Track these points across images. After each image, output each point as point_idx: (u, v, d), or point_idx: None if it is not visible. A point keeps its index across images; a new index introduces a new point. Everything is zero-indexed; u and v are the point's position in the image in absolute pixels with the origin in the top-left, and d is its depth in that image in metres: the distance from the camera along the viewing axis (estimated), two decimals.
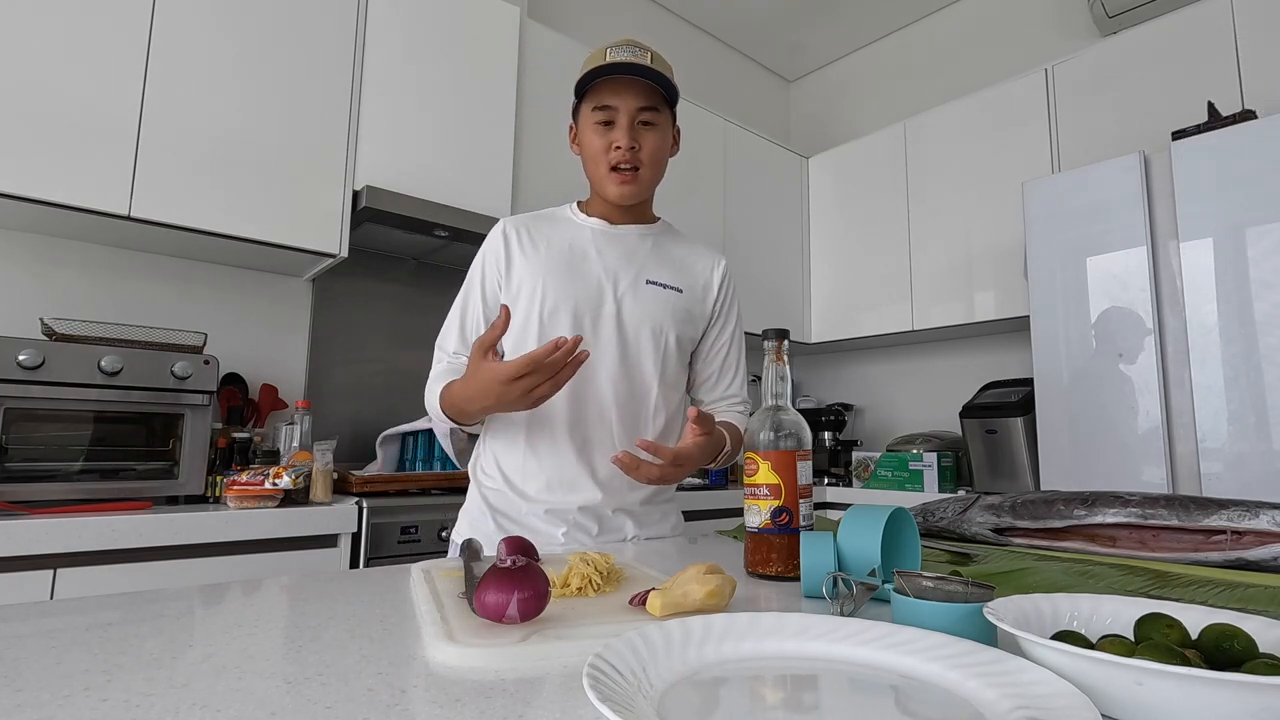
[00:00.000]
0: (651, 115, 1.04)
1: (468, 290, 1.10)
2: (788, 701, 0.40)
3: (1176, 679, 0.33)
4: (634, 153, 1.03)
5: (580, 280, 1.05)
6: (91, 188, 1.53)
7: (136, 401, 1.50)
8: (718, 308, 1.17)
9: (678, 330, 1.10)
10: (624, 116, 1.02)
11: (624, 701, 0.34)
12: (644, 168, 1.05)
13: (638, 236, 1.12)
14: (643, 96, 1.03)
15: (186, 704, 0.37)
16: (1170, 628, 0.41)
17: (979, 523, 1.03)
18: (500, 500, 1.05)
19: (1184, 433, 1.83)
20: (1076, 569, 0.79)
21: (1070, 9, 2.85)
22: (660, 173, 1.09)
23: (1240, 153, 1.78)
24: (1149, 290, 1.91)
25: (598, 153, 1.04)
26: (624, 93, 1.02)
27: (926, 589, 0.50)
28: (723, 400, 1.19)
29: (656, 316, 1.08)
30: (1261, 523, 0.79)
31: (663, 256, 1.12)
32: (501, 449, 1.07)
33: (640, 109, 1.03)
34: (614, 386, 1.04)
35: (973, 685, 0.38)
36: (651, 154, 1.05)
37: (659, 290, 1.09)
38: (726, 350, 1.18)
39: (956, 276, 2.76)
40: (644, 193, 1.08)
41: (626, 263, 1.09)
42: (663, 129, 1.06)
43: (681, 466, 0.93)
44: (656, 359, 1.07)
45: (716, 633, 0.46)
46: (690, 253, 1.16)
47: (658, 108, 1.04)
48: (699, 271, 1.15)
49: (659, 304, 1.08)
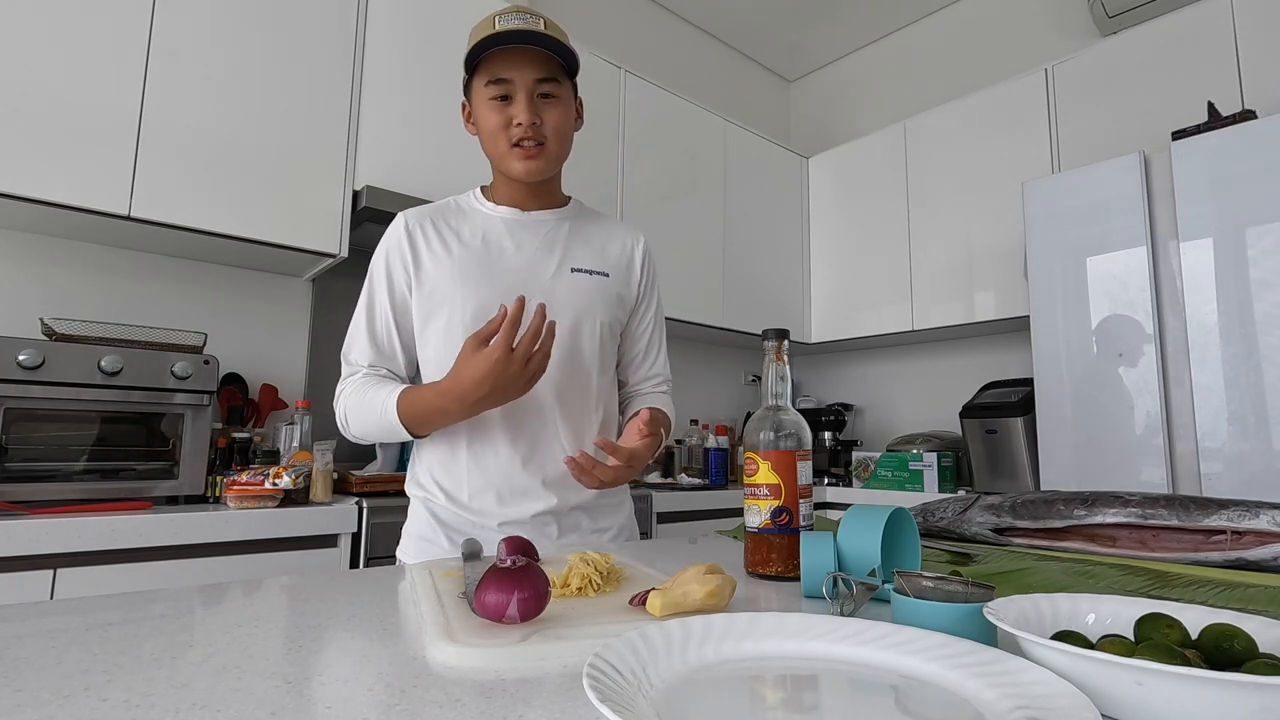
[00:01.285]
0: (551, 87, 0.96)
1: (371, 294, 1.01)
2: (788, 701, 0.40)
3: (1177, 679, 0.33)
4: (536, 128, 0.96)
5: (502, 277, 0.99)
6: (91, 188, 1.53)
7: (136, 401, 1.50)
8: (642, 288, 1.13)
9: (609, 316, 1.05)
10: (521, 90, 0.95)
11: (624, 701, 0.34)
12: (549, 142, 0.98)
13: (554, 222, 1.05)
14: (540, 67, 0.95)
15: (186, 704, 0.37)
16: (1170, 628, 0.41)
17: (979, 523, 1.03)
18: (449, 515, 0.98)
19: (1184, 432, 1.83)
20: (1076, 569, 0.79)
21: (1070, 9, 2.85)
22: (566, 148, 1.02)
23: (1240, 153, 1.78)
24: (1149, 290, 1.91)
25: (496, 129, 0.96)
26: (520, 64, 0.94)
27: (926, 589, 0.50)
28: (647, 380, 1.16)
29: (587, 305, 1.02)
30: (1261, 523, 0.79)
31: (583, 240, 1.06)
32: (439, 463, 0.99)
33: (539, 80, 0.95)
34: (553, 384, 0.99)
35: (973, 685, 0.39)
36: (555, 128, 0.98)
37: (585, 277, 1.04)
38: (651, 329, 1.15)
39: (956, 276, 2.76)
40: (551, 168, 1.01)
41: (547, 252, 1.03)
42: (565, 101, 0.99)
43: (632, 466, 0.93)
44: (593, 349, 1.03)
45: (717, 633, 0.46)
46: (608, 232, 1.11)
47: (557, 78, 0.97)
48: (621, 252, 1.10)
49: (587, 292, 1.03)
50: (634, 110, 2.69)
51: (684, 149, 2.88)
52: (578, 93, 1.04)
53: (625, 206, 2.61)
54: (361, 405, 0.96)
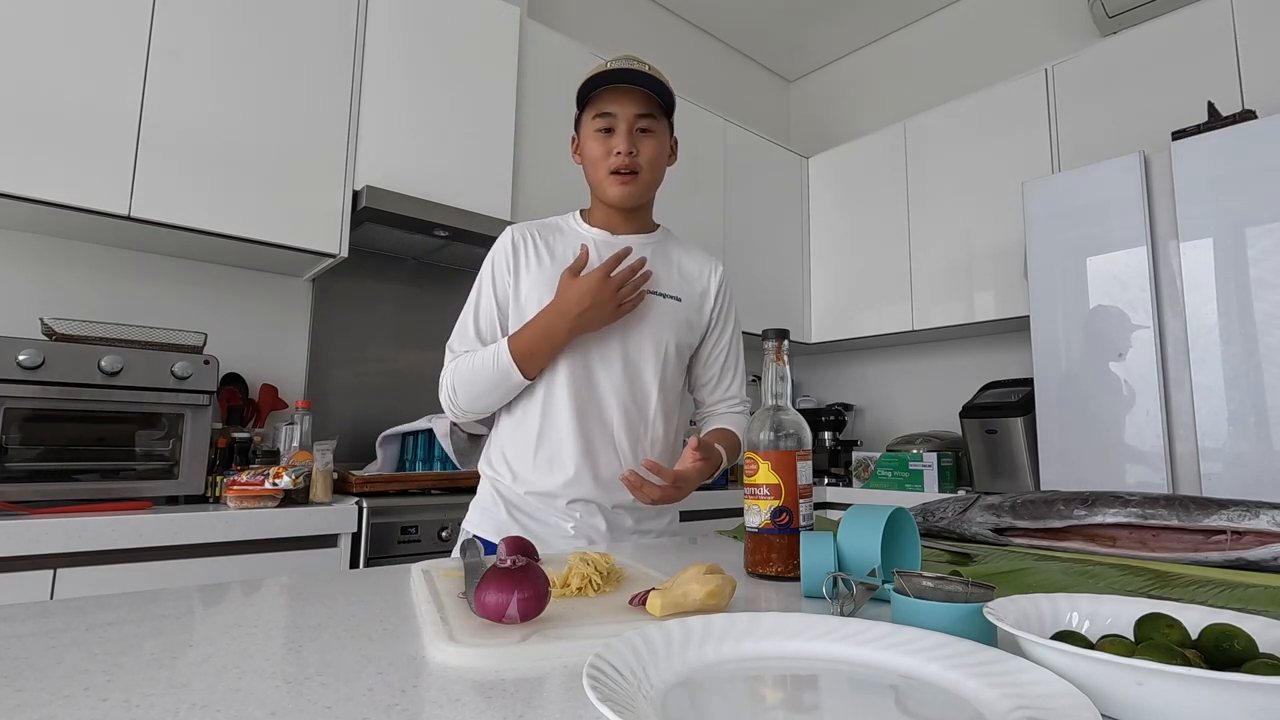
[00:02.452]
0: (649, 123, 1.08)
1: (479, 293, 1.13)
2: (788, 701, 0.40)
3: (1177, 679, 0.33)
4: (633, 157, 1.06)
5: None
6: (91, 188, 1.53)
7: (136, 401, 1.50)
8: (715, 314, 1.20)
9: (677, 339, 1.13)
10: (623, 123, 1.06)
11: (624, 701, 0.34)
12: (643, 171, 1.08)
13: (638, 245, 1.14)
14: (641, 104, 1.07)
15: (186, 704, 0.37)
16: (1170, 628, 0.41)
17: (979, 523, 1.03)
18: (511, 494, 1.09)
19: (1184, 433, 1.83)
20: (1076, 569, 0.79)
21: (1070, 9, 2.85)
22: (658, 178, 1.13)
23: (1240, 153, 1.78)
24: (1149, 290, 1.91)
25: (598, 158, 1.08)
26: (623, 100, 1.06)
27: (926, 589, 0.50)
28: (722, 402, 1.23)
29: (657, 327, 1.11)
30: (1261, 523, 0.79)
31: (663, 265, 1.15)
32: (512, 449, 1.11)
33: (639, 115, 1.07)
34: (616, 394, 1.08)
35: (973, 685, 0.39)
36: (650, 158, 1.08)
37: (659, 300, 1.12)
38: (725, 354, 1.22)
39: (956, 276, 2.76)
40: (643, 195, 1.11)
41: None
42: (660, 136, 1.10)
43: (680, 488, 1.01)
44: (657, 367, 1.11)
45: (717, 633, 0.46)
46: (689, 259, 1.20)
47: (655, 115, 1.08)
48: (697, 278, 1.19)
49: (659, 314, 1.12)
50: None
51: (684, 149, 2.86)
52: (673, 132, 1.15)
53: None
54: (472, 367, 1.06)
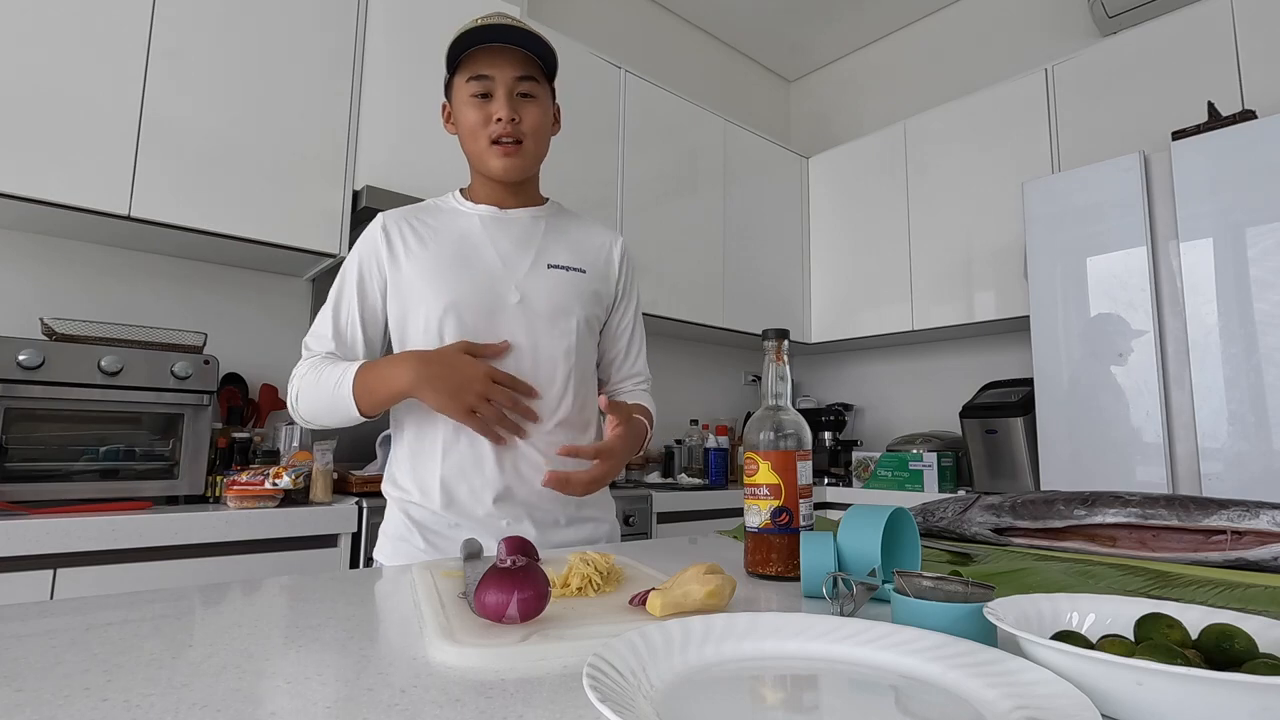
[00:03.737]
0: (530, 86, 0.99)
1: (341, 291, 1.01)
2: (788, 701, 0.40)
3: (1177, 679, 0.33)
4: (515, 125, 0.98)
5: (477, 273, 1.00)
6: (91, 187, 1.53)
7: (136, 401, 1.50)
8: (620, 287, 1.14)
9: (586, 311, 1.06)
10: (501, 87, 0.97)
11: (624, 701, 0.34)
12: (526, 140, 0.99)
13: (530, 219, 1.07)
14: (520, 65, 0.98)
15: (186, 704, 0.37)
16: (1170, 628, 0.41)
17: (979, 523, 1.03)
18: (423, 515, 0.99)
19: (1184, 433, 1.83)
20: (1076, 569, 0.79)
21: (1070, 9, 2.85)
22: (543, 148, 1.04)
23: (1240, 153, 1.78)
24: (1149, 290, 1.91)
25: (475, 126, 0.98)
26: (500, 61, 0.97)
27: (926, 589, 0.50)
28: (629, 379, 1.17)
29: (562, 300, 1.03)
30: (1261, 523, 0.79)
31: (559, 238, 1.08)
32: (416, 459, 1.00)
33: (518, 78, 0.98)
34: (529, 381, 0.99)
35: (973, 685, 0.38)
36: (534, 126, 1.00)
37: (561, 273, 1.04)
38: (631, 328, 1.16)
39: (956, 276, 2.76)
40: (529, 167, 1.03)
41: (523, 249, 1.04)
42: (543, 101, 1.01)
43: (610, 461, 0.93)
44: (567, 344, 1.03)
45: (717, 633, 0.46)
46: (587, 232, 1.12)
47: (536, 78, 0.99)
48: (599, 250, 1.11)
49: (563, 287, 1.04)
50: (634, 110, 2.69)
51: (684, 149, 2.88)
52: (555, 97, 1.06)
53: (625, 206, 2.61)
54: (317, 382, 0.96)
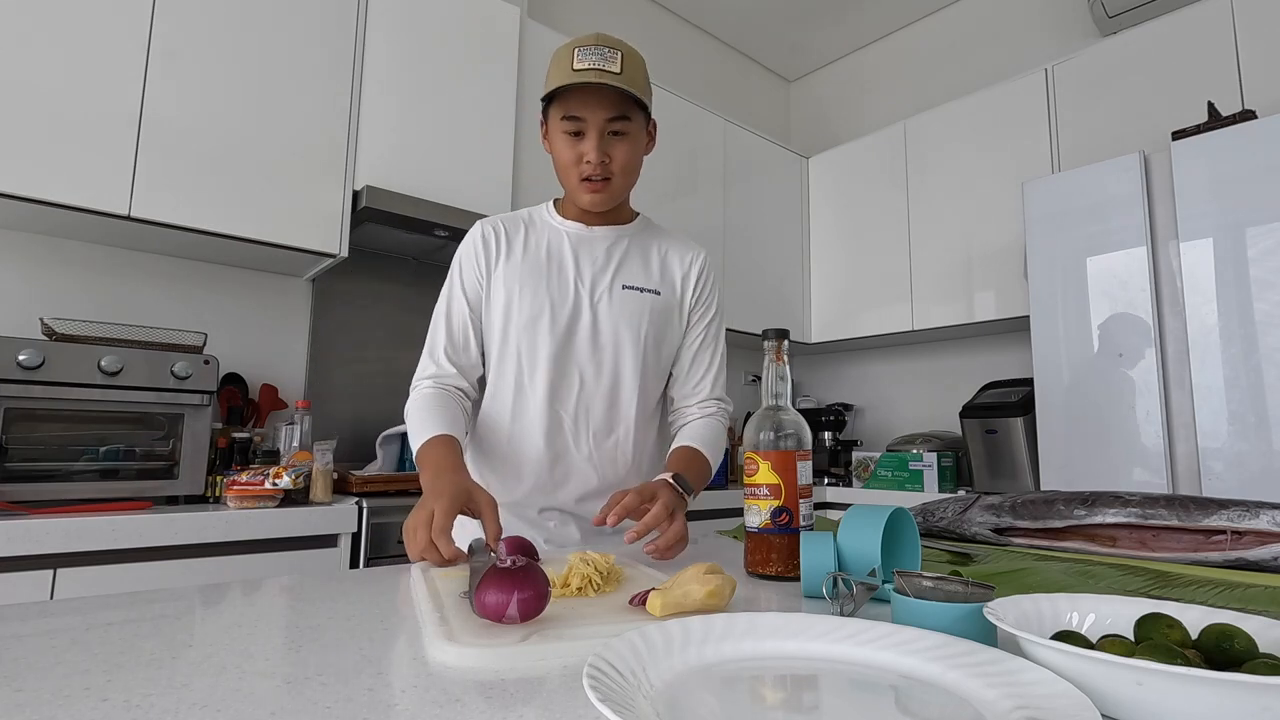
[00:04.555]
0: (621, 125, 0.99)
1: (450, 296, 1.08)
2: (788, 701, 0.40)
3: (1177, 679, 0.33)
4: (604, 165, 1.00)
5: (555, 287, 1.05)
6: (91, 187, 1.53)
7: (136, 401, 1.50)
8: (695, 299, 1.13)
9: (657, 333, 1.08)
10: (593, 129, 0.98)
11: (624, 701, 0.34)
12: (615, 177, 1.02)
13: (614, 238, 1.10)
14: (612, 107, 0.98)
15: (186, 704, 0.37)
16: (1170, 628, 0.41)
17: (979, 523, 1.03)
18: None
19: (1184, 433, 1.83)
20: (1076, 569, 0.79)
21: (1070, 9, 2.85)
22: (633, 178, 1.07)
23: (1240, 153, 1.78)
24: (1149, 290, 1.91)
25: (568, 164, 1.02)
26: (592, 103, 0.97)
27: (926, 589, 0.50)
28: (692, 397, 1.12)
29: (633, 321, 1.06)
30: (1261, 523, 0.79)
31: (640, 257, 1.10)
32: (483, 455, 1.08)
33: (609, 119, 0.98)
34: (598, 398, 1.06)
35: (973, 685, 0.38)
36: (623, 164, 1.02)
37: (635, 294, 1.07)
38: (700, 341, 1.13)
39: (956, 276, 2.76)
40: (615, 199, 1.06)
41: (602, 267, 1.07)
42: (634, 136, 1.02)
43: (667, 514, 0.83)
44: (636, 364, 1.06)
45: (717, 633, 0.46)
46: (669, 249, 1.14)
47: (628, 115, 1.00)
48: (677, 267, 1.13)
49: (635, 308, 1.07)
50: None
51: (684, 149, 2.88)
52: (650, 117, 1.06)
53: None
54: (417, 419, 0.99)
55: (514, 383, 1.05)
